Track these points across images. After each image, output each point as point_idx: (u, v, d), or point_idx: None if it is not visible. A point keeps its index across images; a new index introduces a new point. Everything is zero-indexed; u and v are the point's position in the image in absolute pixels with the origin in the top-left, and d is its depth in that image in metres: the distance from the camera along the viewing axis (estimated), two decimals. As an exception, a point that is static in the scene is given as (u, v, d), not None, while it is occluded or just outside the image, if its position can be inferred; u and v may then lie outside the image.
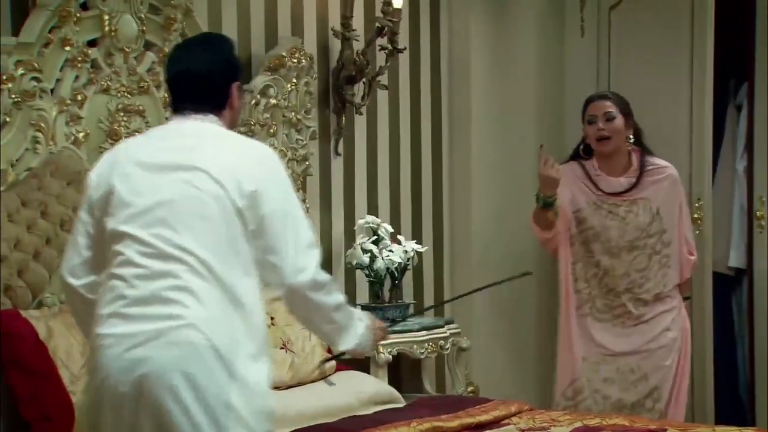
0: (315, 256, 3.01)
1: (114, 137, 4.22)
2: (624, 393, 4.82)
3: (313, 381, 4.48)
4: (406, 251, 5.15)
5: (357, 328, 3.16)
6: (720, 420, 5.54)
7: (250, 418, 2.89)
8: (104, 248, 2.99)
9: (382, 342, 3.46)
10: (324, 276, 3.03)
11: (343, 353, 3.32)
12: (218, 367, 2.84)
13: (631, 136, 4.88)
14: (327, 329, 3.12)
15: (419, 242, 5.44)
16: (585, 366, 4.86)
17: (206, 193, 2.93)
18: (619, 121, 4.84)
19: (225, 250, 2.92)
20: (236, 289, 2.91)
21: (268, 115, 4.83)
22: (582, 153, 4.95)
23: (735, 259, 6.14)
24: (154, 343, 2.82)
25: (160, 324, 2.84)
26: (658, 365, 4.81)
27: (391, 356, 4.93)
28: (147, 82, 4.36)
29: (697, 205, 5.68)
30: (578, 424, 4.05)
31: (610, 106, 4.86)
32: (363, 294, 5.34)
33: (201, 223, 2.91)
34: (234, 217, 2.93)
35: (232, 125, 3.17)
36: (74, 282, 3.09)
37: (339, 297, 3.09)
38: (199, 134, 3.05)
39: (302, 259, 2.98)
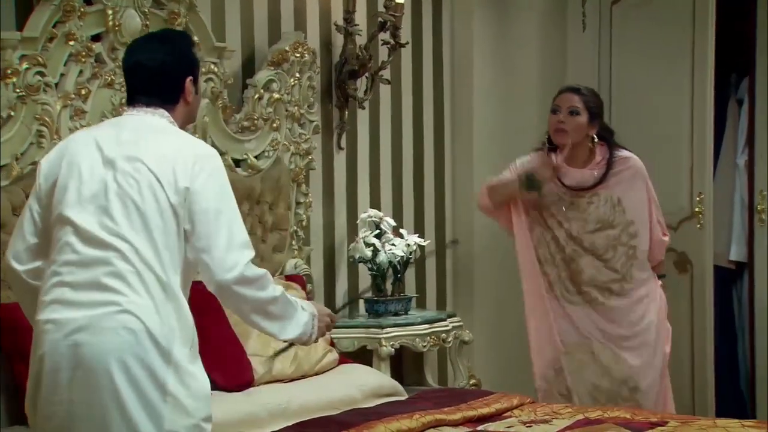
0: (247, 255, 3.03)
1: (118, 131, 4.25)
2: (598, 379, 4.81)
3: (316, 374, 4.50)
4: (408, 245, 5.17)
5: (300, 317, 3.17)
6: (721, 413, 5.55)
7: (188, 403, 2.94)
8: (50, 235, 3.07)
9: (329, 332, 3.45)
10: (255, 271, 3.05)
11: (291, 344, 3.33)
12: (154, 353, 2.90)
13: (594, 136, 4.81)
14: (264, 322, 3.12)
15: (421, 236, 5.46)
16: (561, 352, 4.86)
17: (144, 185, 3.00)
18: (582, 118, 4.75)
19: (159, 242, 2.98)
20: (169, 280, 2.98)
21: (271, 110, 4.85)
22: (547, 142, 4.91)
23: (736, 253, 6.16)
24: (91, 329, 2.90)
25: (97, 310, 2.91)
26: (632, 354, 4.81)
27: (393, 349, 4.96)
28: (151, 76, 4.37)
29: (698, 199, 5.70)
30: (579, 417, 4.07)
31: (576, 101, 4.76)
32: (366, 287, 5.35)
33: (137, 213, 2.99)
34: (168, 211, 3.00)
35: (186, 120, 3.22)
36: (18, 267, 3.15)
37: (274, 290, 3.10)
38: (145, 128, 3.11)
39: (232, 257, 3.01)
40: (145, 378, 2.89)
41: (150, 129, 3.11)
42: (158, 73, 3.14)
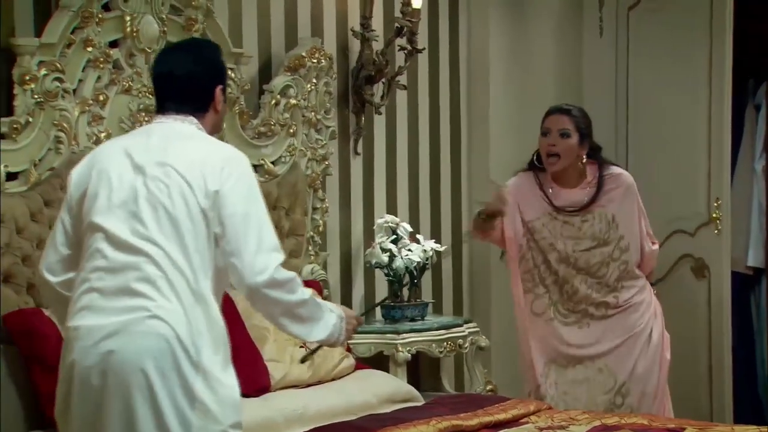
0: (276, 258, 3.03)
1: (135, 137, 4.26)
2: (594, 392, 4.77)
3: (332, 379, 4.50)
4: (425, 250, 5.17)
5: (328, 319, 3.16)
6: (739, 419, 5.54)
7: (216, 409, 2.94)
8: (82, 245, 3.08)
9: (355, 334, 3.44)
10: (284, 275, 3.04)
11: (319, 347, 3.35)
12: (183, 359, 2.91)
13: (584, 157, 4.76)
14: (294, 326, 3.12)
15: (438, 241, 5.46)
16: (553, 369, 4.81)
17: (174, 190, 3.01)
18: (573, 140, 4.66)
19: (189, 246, 2.99)
20: (199, 285, 2.98)
21: (288, 115, 4.85)
22: (536, 162, 4.85)
23: (754, 259, 6.14)
24: (121, 335, 2.91)
25: (126, 316, 2.92)
26: (622, 361, 4.77)
27: (410, 355, 4.95)
28: (168, 82, 4.38)
29: (715, 204, 5.69)
30: (596, 423, 4.06)
31: (566, 123, 4.67)
32: (382, 293, 5.36)
33: (168, 217, 2.99)
34: (199, 215, 3.00)
35: (214, 128, 3.23)
36: (52, 279, 3.16)
37: (303, 293, 3.10)
38: (174, 134, 3.12)
39: (262, 260, 3.01)
40: (175, 383, 2.90)
41: (179, 135, 3.12)
42: (189, 82, 3.15)
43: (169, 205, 2.99)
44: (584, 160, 4.71)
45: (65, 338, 3.02)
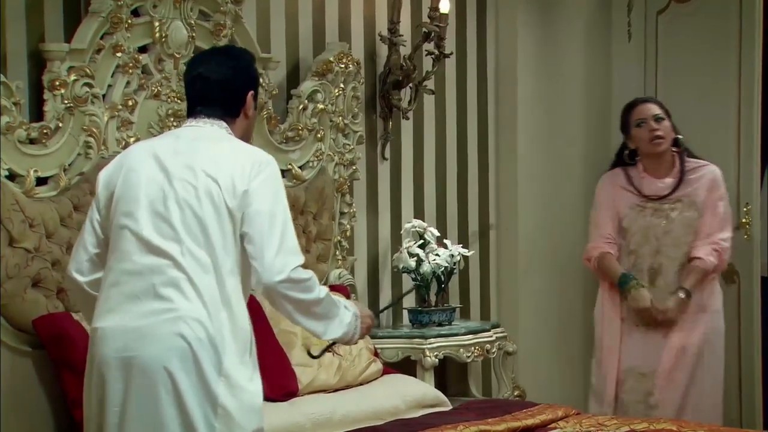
0: (296, 260, 3.04)
1: (164, 142, 4.27)
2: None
3: (360, 384, 4.50)
4: (452, 255, 5.16)
5: (343, 317, 3.17)
6: (769, 425, 5.52)
7: (239, 415, 2.96)
8: (109, 245, 3.11)
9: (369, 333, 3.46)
10: (301, 274, 3.05)
11: (333, 343, 3.36)
12: (206, 362, 2.93)
13: (680, 136, 4.88)
14: (310, 323, 3.13)
15: (465, 246, 5.45)
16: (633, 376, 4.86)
17: (201, 191, 3.03)
18: (668, 122, 4.88)
19: (216, 247, 3.01)
20: (225, 286, 3.00)
21: (315, 120, 4.86)
22: (627, 159, 4.94)
23: (783, 264, 6.11)
24: (144, 337, 2.94)
25: (150, 319, 2.95)
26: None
27: (437, 360, 4.95)
28: (196, 87, 4.40)
29: (745, 209, 5.66)
30: (625, 429, 4.04)
31: (657, 109, 4.90)
32: (409, 298, 5.35)
33: (195, 219, 3.02)
34: (225, 215, 3.03)
35: (244, 135, 3.25)
36: (80, 279, 3.19)
37: (319, 292, 3.10)
38: (203, 137, 3.14)
39: (281, 261, 3.02)
40: (197, 387, 2.92)
41: (208, 138, 3.15)
42: (221, 85, 3.18)
43: (197, 207, 3.02)
44: (677, 144, 4.83)
45: (90, 339, 3.05)
